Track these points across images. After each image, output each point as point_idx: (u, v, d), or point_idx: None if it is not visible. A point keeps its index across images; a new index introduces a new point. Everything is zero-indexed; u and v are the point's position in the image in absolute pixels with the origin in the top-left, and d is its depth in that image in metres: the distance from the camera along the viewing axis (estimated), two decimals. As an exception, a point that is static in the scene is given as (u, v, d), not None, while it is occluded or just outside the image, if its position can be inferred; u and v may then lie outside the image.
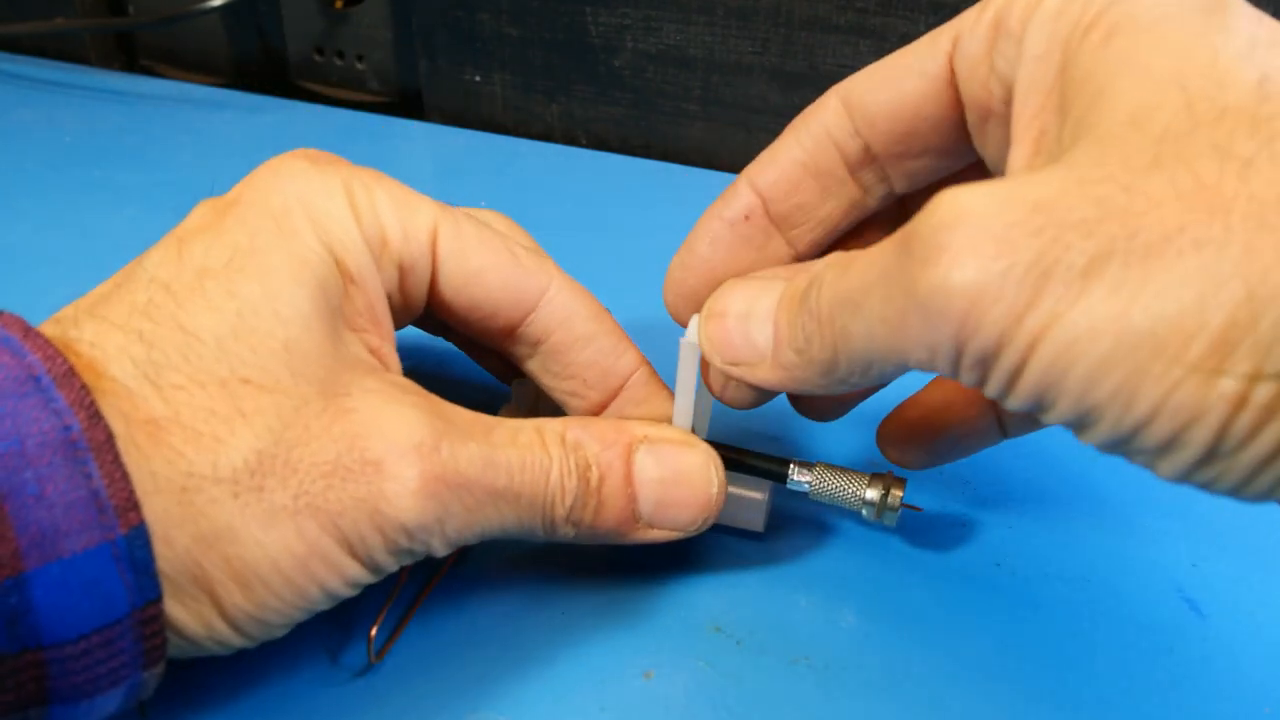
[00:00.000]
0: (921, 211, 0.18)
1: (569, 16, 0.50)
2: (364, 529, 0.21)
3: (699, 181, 0.48)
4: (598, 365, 0.26)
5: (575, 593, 0.27)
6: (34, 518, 0.18)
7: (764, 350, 0.23)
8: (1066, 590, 0.27)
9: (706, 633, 0.26)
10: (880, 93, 0.24)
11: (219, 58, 0.58)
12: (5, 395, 0.18)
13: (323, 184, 0.23)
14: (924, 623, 0.26)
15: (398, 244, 0.24)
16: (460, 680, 0.24)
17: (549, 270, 0.26)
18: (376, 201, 0.24)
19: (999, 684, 0.25)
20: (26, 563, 0.17)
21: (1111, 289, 0.16)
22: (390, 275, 0.24)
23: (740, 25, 0.47)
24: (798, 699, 0.24)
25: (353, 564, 0.21)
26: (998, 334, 0.17)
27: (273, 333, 0.21)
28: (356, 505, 0.21)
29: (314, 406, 0.21)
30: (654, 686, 0.24)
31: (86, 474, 0.18)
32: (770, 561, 0.28)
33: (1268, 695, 0.25)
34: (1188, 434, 0.16)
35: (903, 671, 0.25)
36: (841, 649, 0.25)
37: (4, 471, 0.18)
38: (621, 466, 0.24)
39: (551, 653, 0.25)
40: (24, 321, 0.20)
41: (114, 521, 0.18)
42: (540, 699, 0.24)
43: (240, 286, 0.21)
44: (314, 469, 0.21)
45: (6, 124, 0.52)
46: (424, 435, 0.22)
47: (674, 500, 0.25)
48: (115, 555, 0.18)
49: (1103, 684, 0.25)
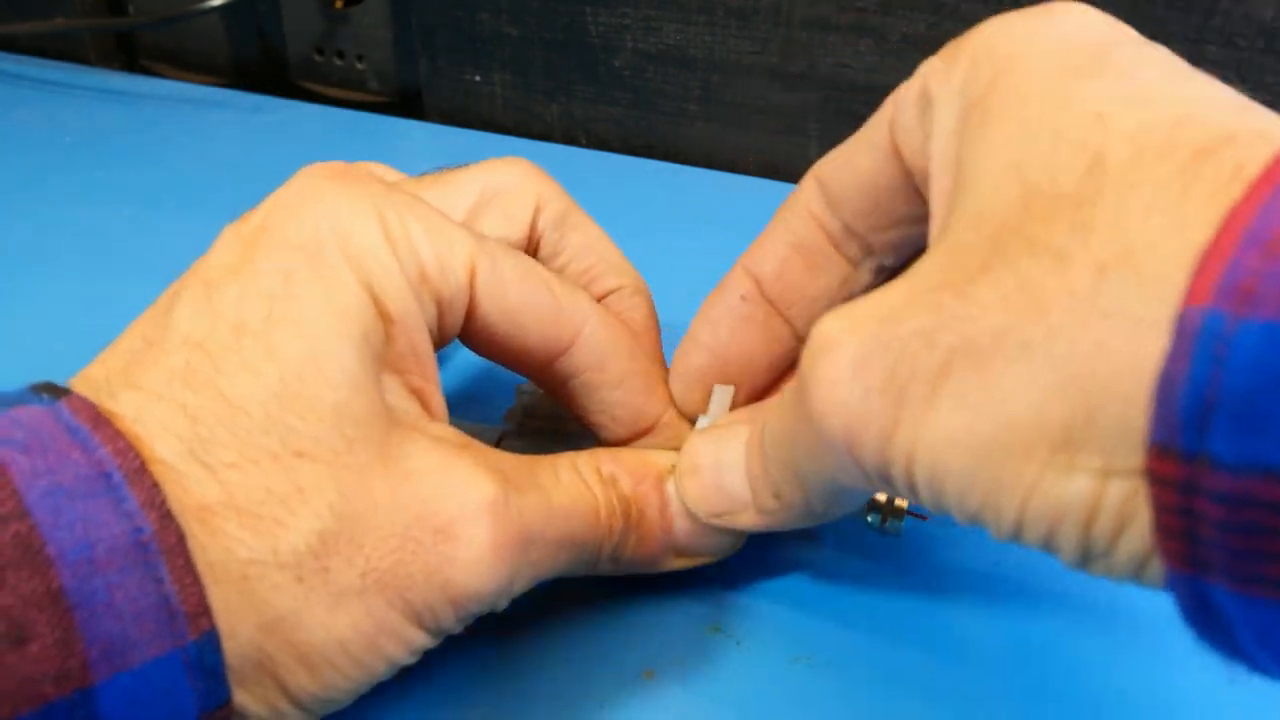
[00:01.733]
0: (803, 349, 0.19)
1: (569, 16, 0.50)
2: (434, 600, 0.20)
3: (699, 181, 0.48)
4: (628, 405, 0.25)
5: (575, 593, 0.27)
6: (103, 628, 0.17)
7: (743, 498, 0.24)
8: (1066, 590, 0.27)
9: (706, 633, 0.26)
10: (842, 171, 0.24)
11: (219, 58, 0.58)
12: (75, 496, 0.17)
13: (355, 212, 0.21)
14: (924, 622, 0.26)
15: (436, 279, 0.22)
16: (460, 680, 0.24)
17: (585, 309, 0.24)
18: (412, 233, 0.22)
19: (999, 684, 0.25)
20: (95, 675, 0.17)
21: (957, 399, 0.16)
22: (429, 311, 0.22)
23: (740, 25, 0.47)
24: (798, 699, 0.24)
25: (420, 635, 0.20)
26: (878, 453, 0.18)
27: (320, 397, 0.19)
28: (427, 578, 0.20)
29: (375, 473, 0.20)
30: (654, 686, 0.24)
31: (158, 579, 0.17)
32: (770, 561, 0.28)
33: (1268, 695, 0.25)
34: (1058, 536, 0.16)
35: (903, 672, 0.25)
36: (841, 649, 0.25)
37: (75, 580, 0.17)
38: (656, 499, 0.24)
39: (551, 653, 0.25)
40: (93, 408, 0.19)
41: (184, 628, 0.17)
42: (540, 699, 0.24)
43: (280, 345, 0.19)
44: (381, 544, 0.19)
45: (6, 124, 0.52)
46: (491, 494, 0.21)
47: (708, 529, 0.25)
48: (185, 662, 0.18)
49: (1103, 684, 0.25)
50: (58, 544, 0.17)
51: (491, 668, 0.25)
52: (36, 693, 0.16)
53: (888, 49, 0.45)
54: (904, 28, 0.44)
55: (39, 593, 0.16)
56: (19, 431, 0.18)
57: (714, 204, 0.46)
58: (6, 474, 0.17)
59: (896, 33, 0.45)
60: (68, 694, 0.16)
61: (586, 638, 0.26)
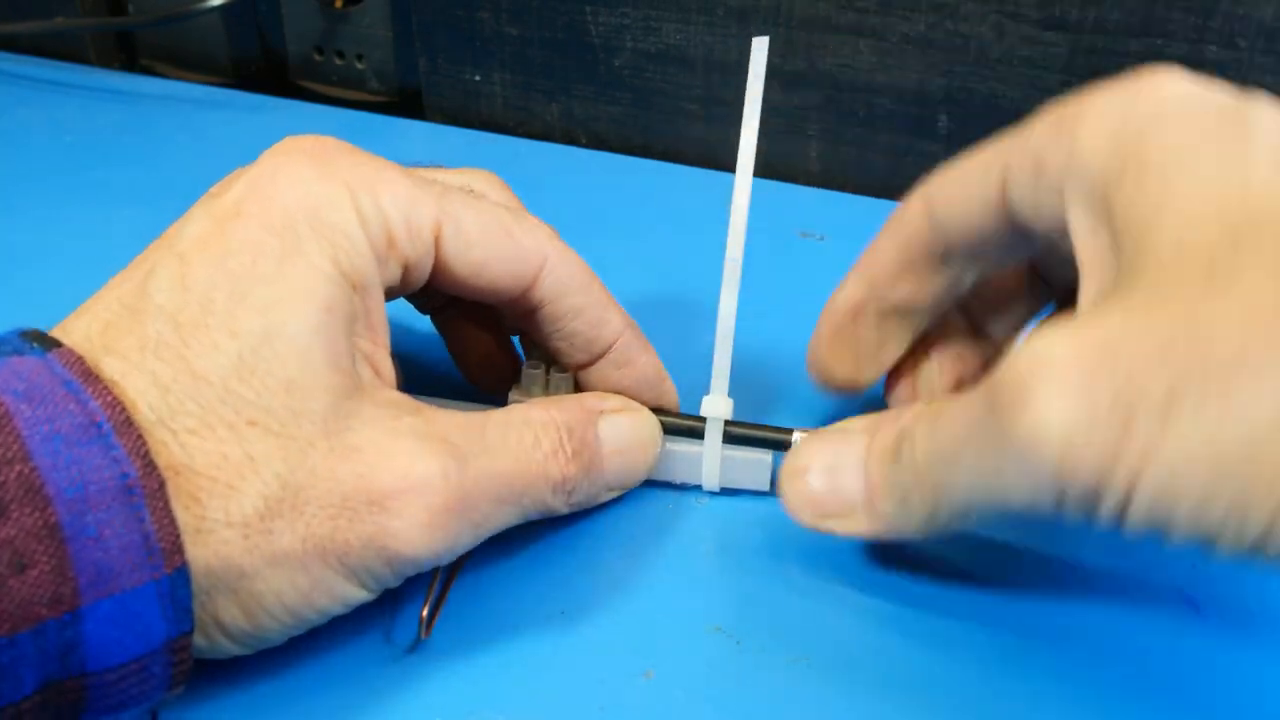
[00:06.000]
0: (1003, 363, 0.20)
1: (569, 16, 0.50)
2: (371, 563, 0.22)
3: (699, 181, 0.48)
4: (584, 334, 0.28)
5: (575, 593, 0.27)
6: (92, 559, 0.19)
7: (854, 502, 0.24)
8: (1069, 591, 0.27)
9: (706, 633, 0.26)
10: (952, 210, 0.26)
11: (219, 57, 0.58)
12: (71, 443, 0.19)
13: (327, 191, 0.23)
14: (925, 623, 0.26)
15: (404, 244, 0.24)
16: (459, 680, 0.24)
17: (543, 248, 0.27)
18: (383, 204, 0.24)
19: (1000, 684, 0.25)
20: (83, 599, 0.19)
21: (1195, 417, 0.17)
22: (394, 273, 0.25)
23: (740, 25, 0.47)
24: (798, 699, 0.24)
25: (358, 591, 0.23)
26: (1096, 475, 0.18)
27: (273, 372, 0.22)
28: (364, 544, 0.22)
29: (319, 448, 0.22)
30: (654, 686, 0.24)
31: (140, 519, 0.20)
32: (770, 561, 0.28)
33: (1267, 694, 0.25)
34: None
35: (903, 672, 0.25)
36: (841, 649, 0.25)
37: (69, 516, 0.19)
38: (593, 440, 0.26)
39: (551, 653, 0.25)
40: (83, 362, 0.21)
41: (161, 563, 0.20)
42: (540, 699, 0.24)
43: (242, 323, 0.22)
44: (321, 512, 0.22)
45: (6, 124, 0.52)
46: (427, 469, 0.22)
47: (629, 465, 0.28)
48: (159, 593, 0.20)
49: (1104, 684, 0.25)
50: (55, 484, 0.19)
51: (491, 668, 0.25)
52: (33, 613, 0.19)
53: (888, 49, 0.45)
54: (904, 28, 0.44)
55: (38, 526, 0.19)
56: (20, 382, 0.20)
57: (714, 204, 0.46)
58: (11, 421, 0.19)
59: (896, 33, 0.45)
60: (59, 615, 0.19)
61: (587, 638, 0.26)
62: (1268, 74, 0.40)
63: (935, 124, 0.46)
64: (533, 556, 0.28)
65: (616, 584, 0.27)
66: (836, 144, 0.48)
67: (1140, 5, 0.41)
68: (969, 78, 0.44)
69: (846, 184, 0.48)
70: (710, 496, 0.30)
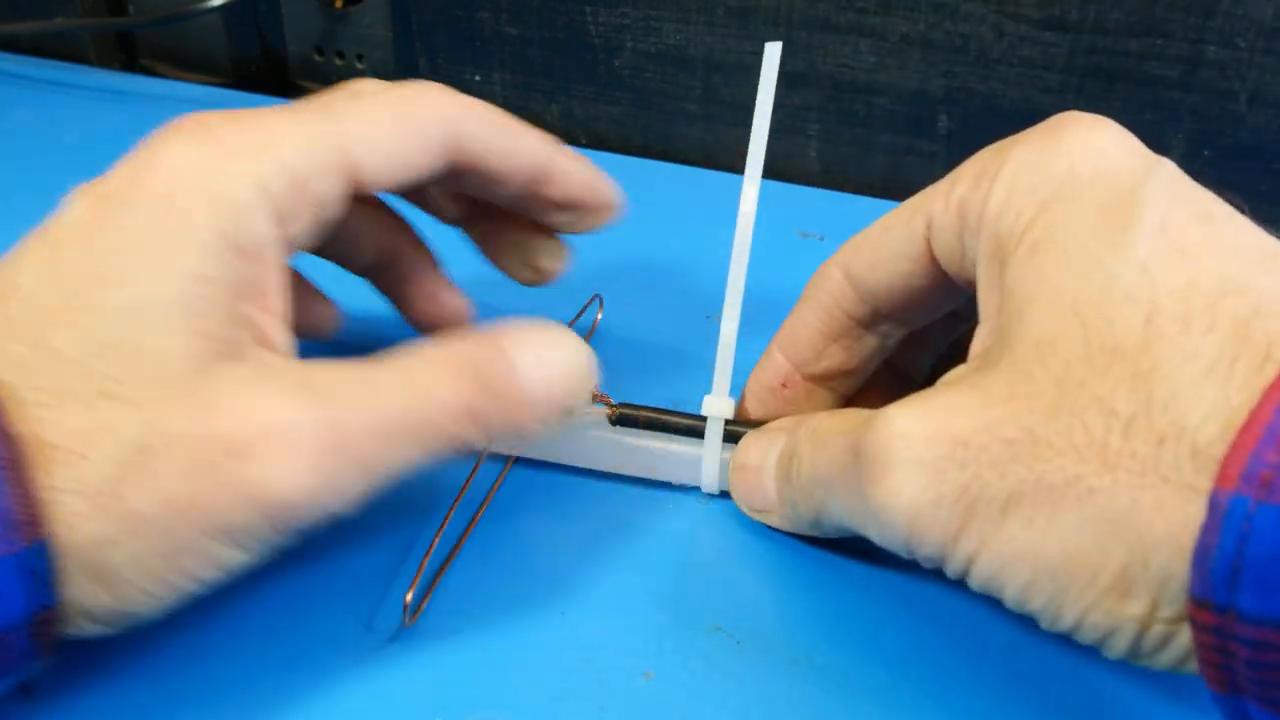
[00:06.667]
0: (869, 427, 0.22)
1: (569, 16, 0.50)
2: (244, 518, 0.21)
3: (699, 181, 0.48)
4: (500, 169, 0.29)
5: (575, 593, 0.27)
6: None
7: (775, 501, 0.27)
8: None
9: (706, 633, 0.26)
10: (877, 272, 0.26)
11: (219, 58, 0.58)
12: None
13: (208, 160, 0.23)
14: (925, 623, 0.26)
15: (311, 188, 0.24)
16: (458, 680, 0.24)
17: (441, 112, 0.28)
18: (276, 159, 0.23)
19: (1001, 684, 0.25)
20: None
21: (1025, 524, 0.20)
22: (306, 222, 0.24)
23: (740, 25, 0.47)
24: (798, 699, 0.24)
25: (233, 552, 0.22)
26: (939, 549, 0.21)
27: (130, 344, 0.21)
28: (230, 497, 0.21)
29: (177, 413, 0.21)
30: (654, 686, 0.24)
31: None
32: (770, 561, 0.28)
33: None
34: (1110, 642, 0.20)
35: (904, 672, 0.25)
36: (841, 649, 0.25)
37: None
38: (505, 368, 0.24)
39: (551, 653, 0.25)
40: None
41: (16, 536, 0.20)
42: (540, 699, 0.24)
43: (104, 300, 0.22)
44: (175, 470, 0.21)
45: (6, 124, 0.52)
46: (292, 412, 0.22)
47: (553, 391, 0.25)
48: (17, 566, 0.20)
49: (1105, 684, 0.25)
50: None
51: (491, 667, 0.25)
52: None
53: (887, 49, 0.45)
54: (904, 28, 0.44)
55: None
56: None
57: (714, 204, 0.46)
58: None
59: (896, 33, 0.45)
60: None
61: (587, 638, 0.26)
62: (1268, 74, 0.40)
63: (935, 124, 0.46)
64: (531, 554, 0.28)
65: (616, 584, 0.27)
66: (836, 144, 0.48)
67: (1140, 5, 0.41)
68: (969, 78, 0.44)
69: (846, 184, 0.48)
70: (710, 497, 0.30)
